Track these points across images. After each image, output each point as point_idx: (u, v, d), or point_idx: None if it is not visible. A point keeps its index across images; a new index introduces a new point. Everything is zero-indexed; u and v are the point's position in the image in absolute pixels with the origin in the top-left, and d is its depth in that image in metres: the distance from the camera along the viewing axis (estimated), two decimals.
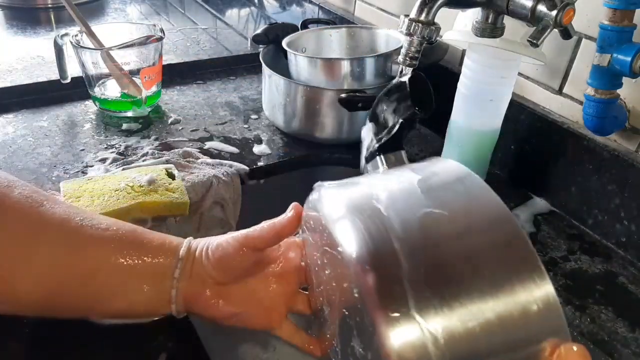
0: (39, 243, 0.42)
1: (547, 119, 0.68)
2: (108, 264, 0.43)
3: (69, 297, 0.44)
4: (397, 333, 0.26)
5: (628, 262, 0.61)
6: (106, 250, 0.43)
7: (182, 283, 0.44)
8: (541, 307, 0.28)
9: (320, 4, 1.12)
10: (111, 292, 0.44)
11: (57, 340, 0.47)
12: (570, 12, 0.51)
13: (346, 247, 0.30)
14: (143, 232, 0.46)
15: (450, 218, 0.31)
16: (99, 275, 0.43)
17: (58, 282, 0.43)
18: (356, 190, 0.34)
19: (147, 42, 0.79)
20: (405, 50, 0.51)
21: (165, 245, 0.45)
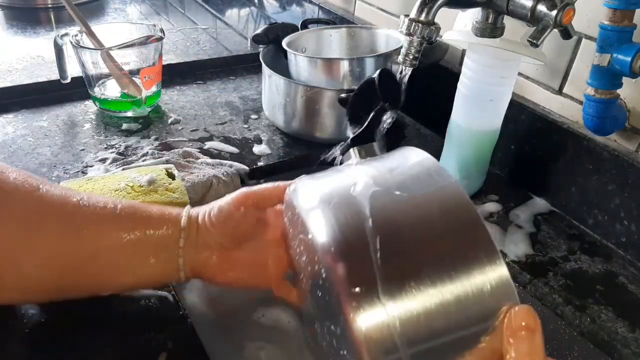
0: (40, 227, 0.42)
1: (547, 119, 0.68)
2: (110, 242, 0.43)
3: (75, 277, 0.44)
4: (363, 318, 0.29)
5: (628, 262, 0.61)
6: (107, 228, 0.44)
7: (188, 251, 0.45)
8: (494, 286, 0.31)
9: (320, 4, 1.12)
10: (117, 268, 0.44)
11: (57, 340, 0.47)
12: (570, 12, 0.51)
13: (317, 237, 0.33)
14: (141, 207, 0.46)
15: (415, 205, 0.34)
16: (103, 254, 0.43)
17: (62, 264, 0.43)
18: (328, 180, 0.37)
19: (147, 42, 0.79)
20: (405, 50, 0.51)
21: (166, 217, 0.46)
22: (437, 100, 0.67)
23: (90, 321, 0.49)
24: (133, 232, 0.44)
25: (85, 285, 0.46)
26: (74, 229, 0.43)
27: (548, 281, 0.58)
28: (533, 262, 0.61)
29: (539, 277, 0.58)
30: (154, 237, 0.45)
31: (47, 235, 0.42)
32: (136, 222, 0.45)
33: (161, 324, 0.49)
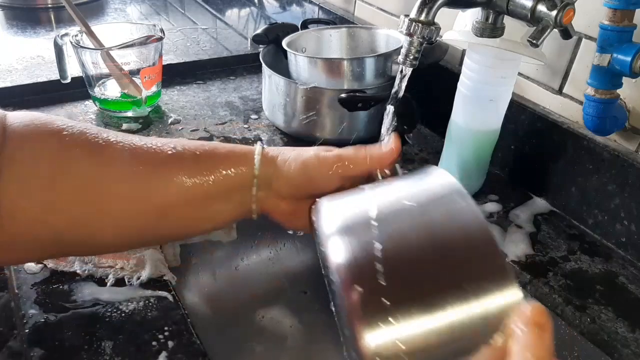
0: (111, 184, 0.40)
1: (547, 119, 0.68)
2: (184, 191, 0.42)
3: (151, 233, 0.44)
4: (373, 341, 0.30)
5: (628, 262, 0.61)
6: (179, 177, 0.42)
7: (261, 196, 0.44)
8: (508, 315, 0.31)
9: (320, 4, 1.12)
10: (193, 218, 0.44)
11: (57, 340, 0.47)
12: (570, 12, 0.51)
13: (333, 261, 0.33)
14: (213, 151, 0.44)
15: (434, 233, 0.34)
16: (176, 208, 0.42)
17: (137, 223, 0.42)
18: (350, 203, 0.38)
19: (147, 42, 0.79)
20: (405, 50, 0.51)
21: (238, 159, 0.44)
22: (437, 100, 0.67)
23: (90, 321, 0.49)
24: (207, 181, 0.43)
25: (159, 238, 0.46)
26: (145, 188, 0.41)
27: (548, 281, 0.58)
28: (533, 262, 0.61)
29: (539, 277, 0.58)
30: (227, 181, 0.43)
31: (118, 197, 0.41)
32: (209, 169, 0.43)
33: (161, 324, 0.49)
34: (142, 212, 0.42)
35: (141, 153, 0.42)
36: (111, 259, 0.55)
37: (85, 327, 0.48)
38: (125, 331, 0.48)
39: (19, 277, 0.52)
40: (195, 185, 0.42)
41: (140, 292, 0.52)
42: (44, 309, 0.49)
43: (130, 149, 0.42)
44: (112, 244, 0.44)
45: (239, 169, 0.44)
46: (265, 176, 0.44)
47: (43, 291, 0.51)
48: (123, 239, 0.43)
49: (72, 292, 0.51)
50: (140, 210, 0.42)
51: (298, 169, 0.43)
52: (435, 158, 0.73)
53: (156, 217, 0.42)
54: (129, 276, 0.53)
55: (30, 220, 0.39)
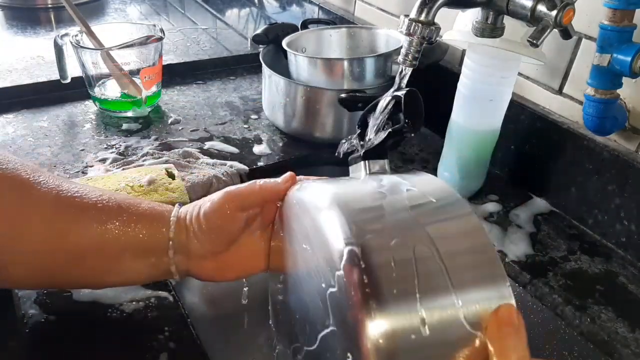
0: (28, 224, 0.41)
1: (547, 119, 0.68)
2: (101, 241, 0.42)
3: (61, 277, 0.44)
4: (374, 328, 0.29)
5: (628, 262, 0.61)
6: (98, 226, 0.42)
7: (180, 258, 0.44)
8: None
9: (320, 4, 1.12)
10: (105, 270, 0.44)
11: (56, 340, 0.47)
12: (570, 12, 0.51)
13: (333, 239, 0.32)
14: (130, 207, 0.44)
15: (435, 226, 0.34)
16: (89, 257, 0.43)
17: (50, 258, 0.42)
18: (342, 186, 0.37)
19: (147, 42, 0.79)
20: (405, 50, 0.51)
21: (155, 221, 0.44)
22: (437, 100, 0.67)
23: (90, 321, 0.49)
24: (121, 235, 0.43)
25: (71, 283, 0.46)
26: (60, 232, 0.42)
27: (548, 281, 0.58)
28: (533, 262, 0.61)
29: (539, 277, 0.58)
30: (143, 241, 0.43)
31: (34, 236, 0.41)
32: (126, 224, 0.43)
33: (161, 324, 0.49)
34: (55, 253, 0.42)
35: (65, 198, 0.43)
36: None
37: (85, 327, 0.48)
38: (125, 331, 0.48)
39: None
40: (111, 237, 0.43)
41: (140, 292, 0.52)
42: (44, 309, 0.49)
43: (56, 191, 0.43)
44: (23, 280, 0.44)
45: (157, 229, 0.44)
46: (180, 241, 0.44)
47: (43, 291, 0.51)
48: (34, 277, 0.43)
49: (72, 292, 0.51)
50: (53, 252, 0.42)
51: (203, 222, 0.44)
52: (435, 158, 0.73)
53: (68, 261, 0.43)
54: None
55: None
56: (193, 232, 0.44)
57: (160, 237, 0.44)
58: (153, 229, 0.44)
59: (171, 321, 0.49)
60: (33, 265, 0.42)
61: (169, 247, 0.44)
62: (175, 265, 0.44)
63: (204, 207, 0.44)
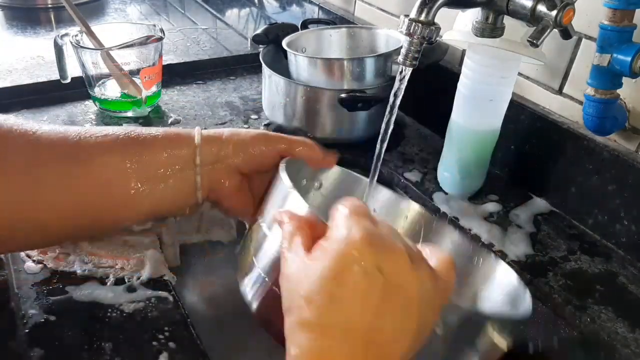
0: (45, 168, 0.41)
1: (547, 119, 0.68)
2: (120, 169, 0.42)
3: (90, 214, 0.43)
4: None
5: (628, 262, 0.61)
6: (114, 156, 0.42)
7: (206, 168, 0.44)
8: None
9: (320, 4, 1.12)
10: (132, 196, 0.43)
11: (56, 340, 0.47)
12: (570, 12, 0.51)
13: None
14: (143, 131, 0.45)
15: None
16: (115, 183, 0.42)
17: (74, 202, 0.42)
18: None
19: (147, 42, 0.79)
20: (405, 50, 0.51)
21: (175, 137, 0.45)
22: (437, 100, 0.67)
23: (90, 321, 0.49)
24: (141, 156, 0.43)
25: (100, 221, 0.45)
26: (77, 163, 0.42)
27: (548, 281, 0.58)
28: (533, 262, 0.61)
29: (539, 277, 0.58)
30: (167, 157, 0.43)
31: (53, 176, 0.41)
32: (144, 145, 0.43)
33: (161, 324, 0.49)
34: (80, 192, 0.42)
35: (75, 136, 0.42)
36: (111, 259, 0.55)
37: (85, 327, 0.48)
38: (125, 331, 0.48)
39: (19, 277, 0.52)
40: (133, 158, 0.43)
41: (140, 292, 0.52)
42: (44, 309, 0.49)
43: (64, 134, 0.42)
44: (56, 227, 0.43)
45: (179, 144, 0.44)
46: (209, 153, 0.44)
47: (43, 291, 0.51)
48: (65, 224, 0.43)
49: (72, 292, 0.51)
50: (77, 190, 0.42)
51: (238, 140, 0.45)
52: (435, 158, 0.73)
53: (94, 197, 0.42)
54: (129, 276, 0.53)
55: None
56: (225, 147, 0.45)
57: (186, 150, 0.44)
58: (177, 144, 0.44)
59: (171, 321, 0.49)
60: (59, 209, 0.42)
61: (196, 156, 0.44)
62: (200, 176, 0.44)
63: (253, 133, 0.46)
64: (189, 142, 0.44)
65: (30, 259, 0.54)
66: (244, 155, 0.45)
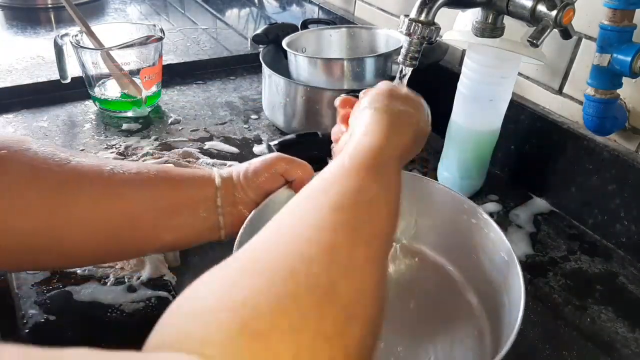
0: (77, 193, 0.42)
1: (547, 119, 0.68)
2: (150, 204, 0.45)
3: (117, 243, 0.45)
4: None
5: (628, 262, 0.61)
6: (145, 192, 0.45)
7: (226, 208, 0.48)
8: None
9: (320, 4, 1.12)
10: (159, 230, 0.46)
11: (56, 340, 0.47)
12: (570, 12, 0.51)
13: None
14: (173, 170, 0.48)
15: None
16: (142, 218, 0.45)
17: (104, 229, 0.44)
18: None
19: (147, 42, 0.79)
20: (405, 50, 0.51)
21: (199, 178, 0.48)
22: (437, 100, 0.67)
23: (90, 321, 0.49)
24: (171, 193, 0.46)
25: (126, 249, 0.47)
26: (111, 194, 0.44)
27: (548, 281, 0.58)
28: (533, 262, 0.61)
29: (539, 277, 0.58)
30: (192, 196, 0.47)
31: (82, 201, 0.42)
32: (172, 184, 0.46)
33: None
34: (108, 220, 0.44)
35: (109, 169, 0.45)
36: None
37: (85, 327, 0.48)
38: (125, 331, 0.48)
39: (19, 277, 0.52)
40: (162, 196, 0.46)
41: (140, 292, 0.52)
42: (44, 309, 0.49)
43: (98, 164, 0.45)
44: (81, 253, 0.45)
45: (205, 184, 0.48)
46: (227, 192, 0.48)
47: (43, 291, 0.51)
48: (90, 247, 0.45)
49: (72, 292, 0.51)
50: (106, 218, 0.44)
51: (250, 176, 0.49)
52: (435, 158, 0.73)
53: (122, 225, 0.44)
54: (129, 276, 0.53)
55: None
56: (240, 185, 0.49)
57: (208, 191, 0.47)
58: (200, 185, 0.47)
59: None
60: (86, 234, 0.43)
61: (217, 198, 0.47)
62: (222, 216, 0.47)
63: (254, 164, 0.50)
64: (210, 184, 0.48)
65: None
66: (256, 189, 0.49)
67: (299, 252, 0.29)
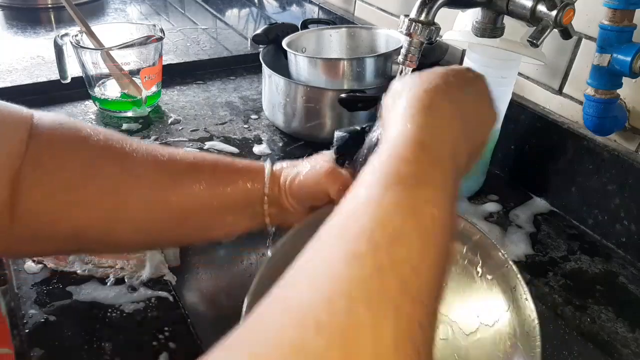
0: (133, 187, 0.42)
1: (547, 119, 0.68)
2: (202, 201, 0.44)
3: (167, 236, 0.45)
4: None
5: (628, 262, 0.61)
6: (198, 186, 0.44)
7: (273, 210, 0.46)
8: None
9: (320, 4, 1.12)
10: (206, 226, 0.46)
11: (57, 340, 0.47)
12: (570, 12, 0.51)
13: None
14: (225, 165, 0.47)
15: None
16: (191, 216, 0.44)
17: (155, 222, 0.43)
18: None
19: (147, 42, 0.79)
20: (405, 50, 0.51)
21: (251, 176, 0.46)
22: None
23: (90, 321, 0.49)
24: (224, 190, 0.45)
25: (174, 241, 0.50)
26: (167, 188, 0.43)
27: (548, 281, 0.58)
28: (533, 262, 0.61)
29: (539, 277, 0.58)
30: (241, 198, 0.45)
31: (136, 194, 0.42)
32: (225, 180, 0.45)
33: (161, 324, 0.49)
34: (159, 215, 0.43)
35: (162, 162, 0.44)
36: (111, 259, 0.55)
37: (85, 327, 0.48)
38: (125, 331, 0.48)
39: (19, 277, 0.52)
40: (211, 195, 0.44)
41: (140, 292, 0.52)
42: (44, 309, 0.49)
43: (152, 157, 0.44)
44: (129, 244, 0.46)
45: (253, 185, 0.46)
46: (274, 195, 0.46)
47: (43, 291, 0.51)
48: (139, 239, 0.45)
49: (72, 292, 0.51)
50: (156, 214, 0.43)
51: (296, 188, 0.45)
52: None
53: (172, 221, 0.44)
54: (129, 276, 0.53)
55: (52, 219, 0.40)
56: (285, 192, 0.46)
57: (257, 192, 0.46)
58: (250, 184, 0.46)
59: (171, 321, 0.49)
60: (138, 228, 0.43)
61: (264, 201, 0.46)
62: (269, 217, 0.46)
63: (302, 175, 0.45)
64: (260, 182, 0.46)
65: (30, 259, 0.54)
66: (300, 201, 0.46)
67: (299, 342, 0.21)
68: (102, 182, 0.41)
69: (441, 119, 0.32)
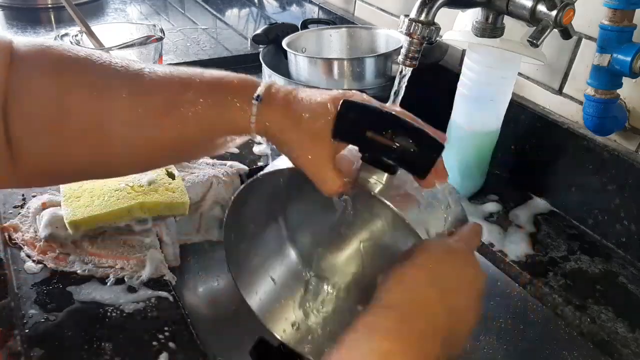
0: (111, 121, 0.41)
1: (547, 119, 0.68)
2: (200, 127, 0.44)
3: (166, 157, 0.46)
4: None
5: (628, 262, 0.61)
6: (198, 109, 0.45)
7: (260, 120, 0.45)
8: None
9: (320, 4, 1.12)
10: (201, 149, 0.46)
11: (57, 340, 0.47)
12: (570, 12, 0.51)
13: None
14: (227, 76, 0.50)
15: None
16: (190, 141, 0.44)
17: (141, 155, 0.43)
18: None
19: (147, 42, 0.79)
20: (405, 50, 0.51)
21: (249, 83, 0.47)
22: (437, 101, 0.67)
23: (90, 321, 0.49)
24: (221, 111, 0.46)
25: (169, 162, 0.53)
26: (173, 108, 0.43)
27: (548, 281, 0.58)
28: (533, 262, 0.61)
29: (539, 277, 0.58)
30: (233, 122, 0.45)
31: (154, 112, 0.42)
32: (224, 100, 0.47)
33: (161, 324, 0.49)
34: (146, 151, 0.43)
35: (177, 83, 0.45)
36: (111, 259, 0.55)
37: (85, 327, 0.48)
38: (125, 331, 0.48)
39: (19, 277, 0.52)
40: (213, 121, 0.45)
41: (140, 292, 0.52)
42: (44, 309, 0.49)
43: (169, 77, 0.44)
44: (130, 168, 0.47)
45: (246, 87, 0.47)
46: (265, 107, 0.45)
47: (43, 291, 0.51)
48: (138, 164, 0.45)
49: (72, 292, 0.51)
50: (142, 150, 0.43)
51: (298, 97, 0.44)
52: None
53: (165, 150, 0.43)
54: (129, 276, 0.53)
55: (41, 158, 0.41)
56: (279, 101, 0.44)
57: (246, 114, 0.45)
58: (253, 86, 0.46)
59: (171, 321, 0.49)
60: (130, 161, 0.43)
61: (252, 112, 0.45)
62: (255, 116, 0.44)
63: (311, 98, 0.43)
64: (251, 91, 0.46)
65: (30, 259, 0.54)
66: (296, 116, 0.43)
67: None
68: (82, 117, 0.40)
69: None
